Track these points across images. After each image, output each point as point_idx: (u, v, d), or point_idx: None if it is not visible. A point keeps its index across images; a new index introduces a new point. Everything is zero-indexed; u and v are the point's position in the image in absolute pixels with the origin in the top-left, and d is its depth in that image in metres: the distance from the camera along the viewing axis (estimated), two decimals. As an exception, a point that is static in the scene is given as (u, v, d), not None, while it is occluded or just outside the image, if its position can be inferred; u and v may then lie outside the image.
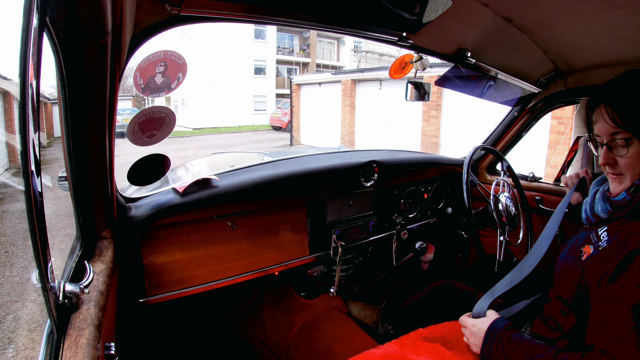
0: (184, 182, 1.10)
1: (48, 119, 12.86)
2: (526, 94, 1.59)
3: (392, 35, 1.00)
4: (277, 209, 1.26)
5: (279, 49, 21.89)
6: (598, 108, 0.82)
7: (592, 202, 0.91)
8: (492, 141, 1.82)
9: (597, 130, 0.83)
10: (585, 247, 0.86)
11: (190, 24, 0.76)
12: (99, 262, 0.81)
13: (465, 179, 1.32)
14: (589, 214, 0.91)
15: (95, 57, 0.59)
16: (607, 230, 0.84)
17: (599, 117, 0.82)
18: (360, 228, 1.48)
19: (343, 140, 10.52)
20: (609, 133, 0.79)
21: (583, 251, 0.86)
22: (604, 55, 1.22)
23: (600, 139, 0.83)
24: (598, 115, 0.82)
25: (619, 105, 0.78)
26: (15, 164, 7.20)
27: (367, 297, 1.71)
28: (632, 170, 0.79)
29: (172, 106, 19.48)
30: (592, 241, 0.86)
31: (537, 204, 1.69)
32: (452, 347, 1.01)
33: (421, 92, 1.28)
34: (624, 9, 0.88)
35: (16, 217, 4.52)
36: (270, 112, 17.80)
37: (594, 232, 0.87)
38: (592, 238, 0.86)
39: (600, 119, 0.81)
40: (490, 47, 1.19)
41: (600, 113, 0.81)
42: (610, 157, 0.81)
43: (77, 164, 0.73)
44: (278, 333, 1.51)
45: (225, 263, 1.16)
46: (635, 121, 0.76)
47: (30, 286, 2.90)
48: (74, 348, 0.56)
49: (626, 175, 0.80)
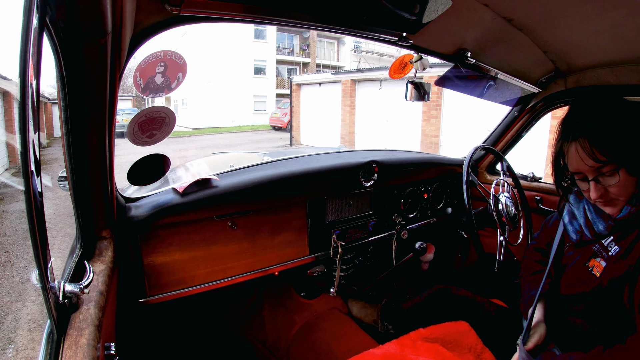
0: (184, 182, 1.10)
1: (48, 119, 12.86)
2: (526, 94, 1.59)
3: (392, 35, 1.00)
4: (277, 209, 1.26)
5: (279, 49, 21.88)
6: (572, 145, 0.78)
7: (586, 222, 0.88)
8: (492, 141, 1.82)
9: (576, 168, 0.79)
10: (591, 262, 0.84)
11: (190, 24, 0.76)
12: (99, 262, 0.81)
13: (465, 179, 1.32)
14: (586, 233, 0.88)
15: (95, 57, 0.59)
16: (614, 240, 0.82)
17: (575, 156, 0.78)
18: (360, 228, 1.48)
19: (343, 140, 10.52)
20: (592, 169, 0.76)
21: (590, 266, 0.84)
22: (604, 55, 1.22)
23: (581, 176, 0.80)
24: (574, 154, 0.78)
25: (596, 140, 0.74)
26: (15, 164, 7.20)
27: (367, 297, 1.71)
28: (626, 192, 0.77)
29: (172, 106, 19.49)
30: (598, 254, 0.84)
31: (537, 204, 1.69)
32: (452, 347, 1.01)
33: (421, 92, 1.28)
34: (624, 9, 0.88)
35: (16, 217, 4.51)
36: (270, 112, 17.81)
37: (596, 245, 0.85)
38: (597, 251, 0.84)
39: (578, 159, 0.77)
40: (490, 47, 1.19)
41: (576, 151, 0.77)
42: (601, 188, 0.78)
43: (77, 164, 0.73)
44: (278, 333, 1.51)
45: (225, 263, 1.16)
46: (619, 151, 0.73)
47: (30, 286, 2.90)
48: (74, 348, 0.56)
49: (620, 198, 0.78)
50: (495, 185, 1.41)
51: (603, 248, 0.84)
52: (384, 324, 1.48)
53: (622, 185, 0.76)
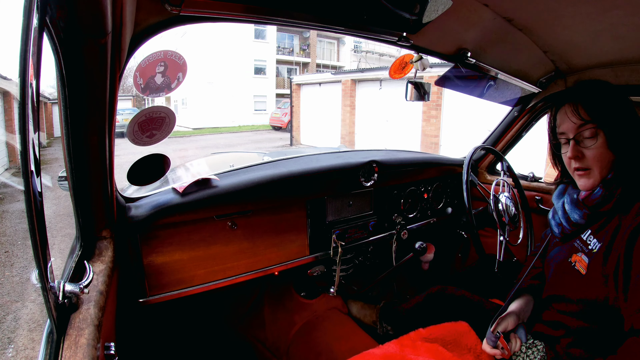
0: (184, 182, 1.10)
1: (48, 119, 12.86)
2: (526, 94, 1.59)
3: (392, 35, 1.00)
4: (277, 209, 1.26)
5: (279, 49, 21.88)
6: (562, 109, 0.86)
7: (564, 214, 0.91)
8: (492, 141, 1.82)
9: (562, 129, 0.86)
10: (573, 257, 0.86)
11: (190, 24, 0.76)
12: (98, 262, 0.80)
13: (465, 179, 1.32)
14: (565, 224, 0.91)
15: (95, 57, 0.59)
16: (592, 233, 0.84)
17: (563, 117, 0.85)
18: (360, 228, 1.48)
19: (343, 140, 10.52)
20: (574, 128, 0.82)
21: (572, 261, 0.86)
22: (604, 55, 1.22)
23: (565, 136, 0.86)
24: (562, 115, 0.85)
25: (582, 101, 0.82)
26: (15, 164, 7.20)
27: (367, 297, 1.71)
28: (600, 162, 0.81)
29: (172, 106, 19.49)
30: (579, 249, 0.86)
31: (537, 204, 1.69)
32: (451, 347, 1.01)
33: (421, 92, 1.28)
34: (623, 9, 0.88)
35: (16, 217, 4.51)
36: (270, 112, 17.79)
37: (577, 241, 0.88)
38: (577, 246, 0.87)
39: (565, 119, 0.84)
40: (490, 47, 1.19)
41: (564, 113, 0.85)
42: (578, 150, 0.83)
43: (77, 164, 0.73)
44: (278, 333, 1.51)
45: (225, 263, 1.16)
46: (599, 113, 0.80)
47: (30, 286, 2.90)
48: (74, 348, 0.56)
49: (594, 168, 0.82)
50: (495, 185, 1.41)
51: (583, 242, 0.86)
52: (382, 325, 1.48)
53: (598, 152, 0.80)
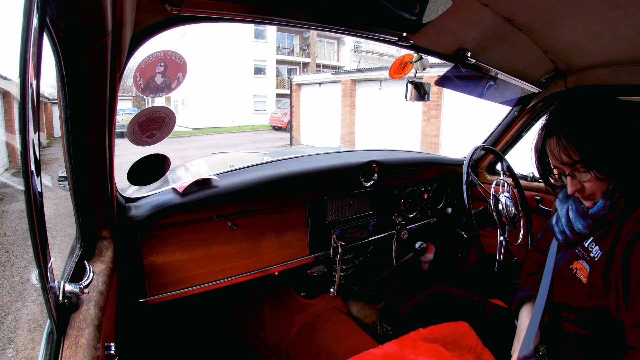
0: (184, 182, 1.10)
1: (48, 119, 12.86)
2: (526, 94, 1.59)
3: (392, 35, 1.00)
4: (277, 209, 1.26)
5: (279, 49, 21.88)
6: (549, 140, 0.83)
7: (567, 222, 0.90)
8: (492, 141, 1.82)
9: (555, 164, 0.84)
10: (574, 264, 0.85)
11: (190, 24, 0.76)
12: (98, 262, 0.81)
13: (465, 179, 1.32)
14: (568, 233, 0.90)
15: (95, 57, 0.59)
16: (594, 240, 0.83)
17: (551, 149, 0.83)
18: (360, 228, 1.48)
19: (343, 140, 10.52)
20: (567, 165, 0.80)
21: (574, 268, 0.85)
22: (604, 55, 1.22)
23: (559, 170, 0.85)
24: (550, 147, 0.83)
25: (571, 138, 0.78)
26: (15, 164, 7.20)
27: (367, 297, 1.71)
28: (601, 189, 0.80)
29: (172, 106, 19.49)
30: (580, 256, 0.85)
31: (537, 204, 1.69)
32: (452, 348, 1.01)
33: (421, 92, 1.28)
34: (624, 9, 0.88)
35: (16, 217, 4.51)
36: (270, 112, 17.79)
37: (578, 248, 0.87)
38: (579, 253, 0.86)
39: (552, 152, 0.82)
40: (490, 47, 1.19)
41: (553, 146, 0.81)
42: (577, 183, 0.82)
43: (77, 164, 0.73)
44: (278, 333, 1.51)
45: (225, 263, 1.16)
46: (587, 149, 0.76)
47: (30, 286, 2.90)
48: (74, 348, 0.56)
49: (597, 194, 0.81)
50: (495, 185, 1.41)
51: (584, 250, 0.85)
52: (382, 326, 1.48)
53: (597, 184, 0.79)
